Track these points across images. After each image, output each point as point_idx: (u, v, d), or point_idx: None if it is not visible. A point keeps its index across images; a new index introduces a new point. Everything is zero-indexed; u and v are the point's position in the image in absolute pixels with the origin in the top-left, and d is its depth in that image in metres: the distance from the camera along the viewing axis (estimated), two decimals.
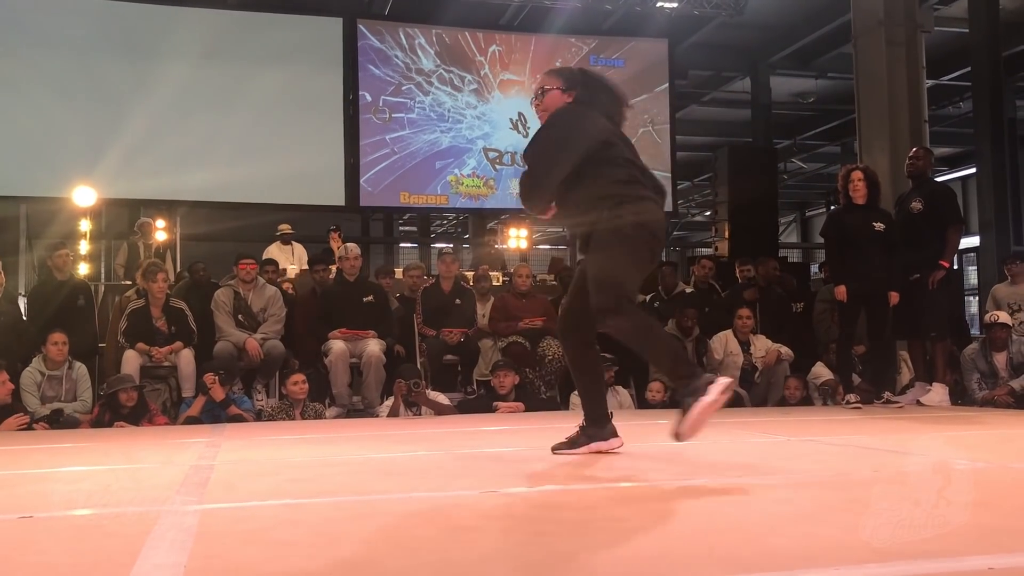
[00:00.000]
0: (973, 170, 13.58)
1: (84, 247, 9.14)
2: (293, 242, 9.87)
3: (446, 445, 4.12)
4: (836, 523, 1.97)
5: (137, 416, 5.92)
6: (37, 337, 6.36)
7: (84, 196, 9.18)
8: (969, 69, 11.78)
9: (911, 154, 6.53)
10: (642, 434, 4.26)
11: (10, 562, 1.76)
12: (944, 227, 6.17)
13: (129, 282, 8.40)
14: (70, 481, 3.18)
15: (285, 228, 9.86)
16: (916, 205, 6.20)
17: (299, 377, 6.27)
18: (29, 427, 5.59)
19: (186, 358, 6.50)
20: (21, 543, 1.94)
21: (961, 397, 6.69)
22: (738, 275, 8.55)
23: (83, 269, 8.69)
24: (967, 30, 11.23)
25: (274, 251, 9.56)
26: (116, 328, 6.74)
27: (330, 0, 12.00)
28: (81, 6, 11.12)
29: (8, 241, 10.87)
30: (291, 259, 9.53)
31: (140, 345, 6.42)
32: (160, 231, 9.48)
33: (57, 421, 5.76)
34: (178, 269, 9.83)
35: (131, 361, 6.33)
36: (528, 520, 2.12)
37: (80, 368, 6.25)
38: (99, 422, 5.88)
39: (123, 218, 11.21)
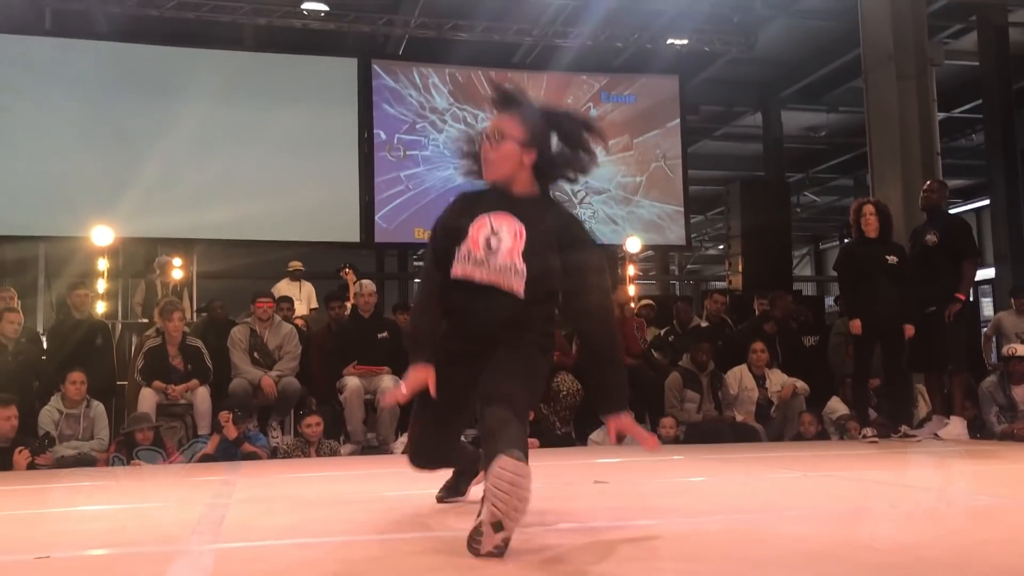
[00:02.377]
0: (987, 202, 13.55)
1: (101, 286, 9.21)
2: (302, 280, 9.89)
3: None
4: (855, 560, 1.95)
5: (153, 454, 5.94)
6: (55, 375, 6.40)
7: (102, 235, 9.26)
8: (980, 101, 11.83)
9: (925, 187, 6.54)
10: (656, 470, 4.24)
11: None
12: (960, 260, 6.16)
13: (146, 320, 8.46)
14: (86, 520, 3.19)
15: (296, 265, 9.90)
16: (931, 238, 6.19)
17: (314, 419, 6.27)
18: (32, 464, 5.59)
19: (202, 396, 6.52)
20: None
21: (980, 431, 6.63)
22: (756, 309, 8.53)
23: (100, 308, 8.75)
24: (977, 63, 11.29)
25: (283, 287, 9.60)
26: (135, 366, 6.78)
27: (345, 41, 12.18)
28: (99, 48, 11.33)
29: (27, 281, 10.98)
30: (299, 296, 9.55)
31: (156, 383, 6.45)
32: (177, 269, 9.55)
33: (44, 448, 5.73)
34: (195, 307, 9.88)
35: (147, 399, 6.36)
36: (545, 561, 2.11)
37: (98, 407, 6.27)
38: (115, 460, 5.91)
39: (140, 256, 11.31)
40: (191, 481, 4.60)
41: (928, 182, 6.70)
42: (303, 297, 9.57)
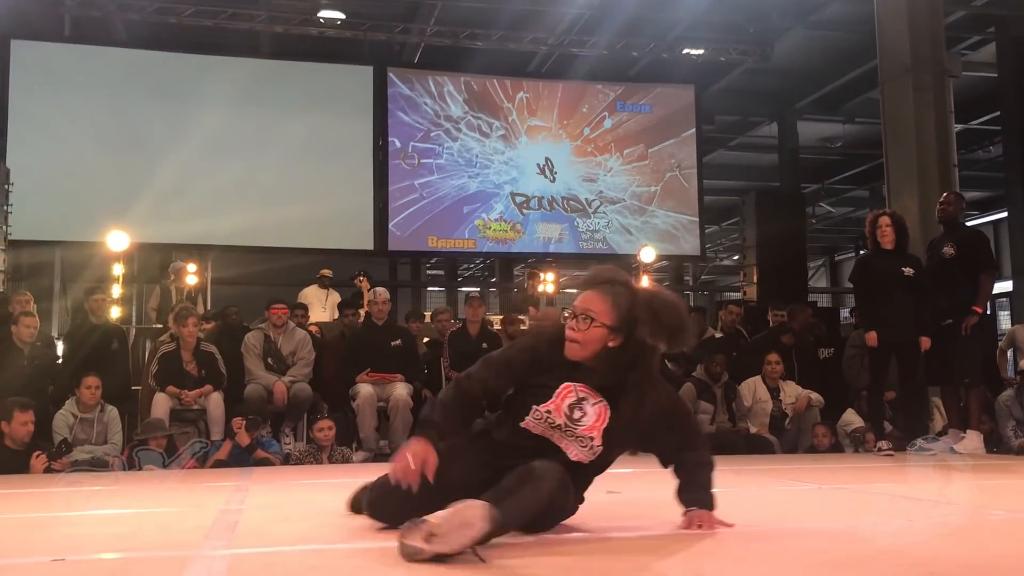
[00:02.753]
0: (1004, 214, 13.46)
1: (116, 291, 9.26)
2: (330, 288, 9.93)
3: None
4: (869, 573, 1.93)
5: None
6: (71, 380, 6.43)
7: (117, 241, 9.33)
8: (998, 113, 11.76)
9: (942, 199, 6.50)
10: (669, 481, 4.22)
11: None
12: (977, 272, 6.12)
13: (160, 325, 8.50)
14: (100, 524, 3.20)
15: (326, 272, 9.93)
16: (949, 250, 6.15)
17: (325, 424, 6.29)
18: (48, 468, 5.61)
19: (215, 401, 6.54)
20: None
21: (996, 445, 6.58)
22: (771, 320, 8.48)
23: (115, 312, 8.80)
24: (996, 74, 11.23)
25: (310, 294, 9.63)
26: (148, 371, 6.81)
27: (361, 49, 12.24)
28: (117, 54, 11.44)
29: (43, 285, 11.04)
30: (324, 304, 9.59)
31: (170, 388, 6.48)
32: (191, 275, 9.61)
33: (61, 454, 5.76)
34: (208, 312, 9.91)
35: (161, 404, 6.39)
36: (573, 568, 2.10)
37: (112, 411, 6.30)
38: (129, 465, 5.93)
39: (154, 262, 11.39)
40: (204, 487, 4.61)
41: (945, 194, 6.66)
42: (328, 305, 9.60)
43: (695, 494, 2.58)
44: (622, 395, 2.46)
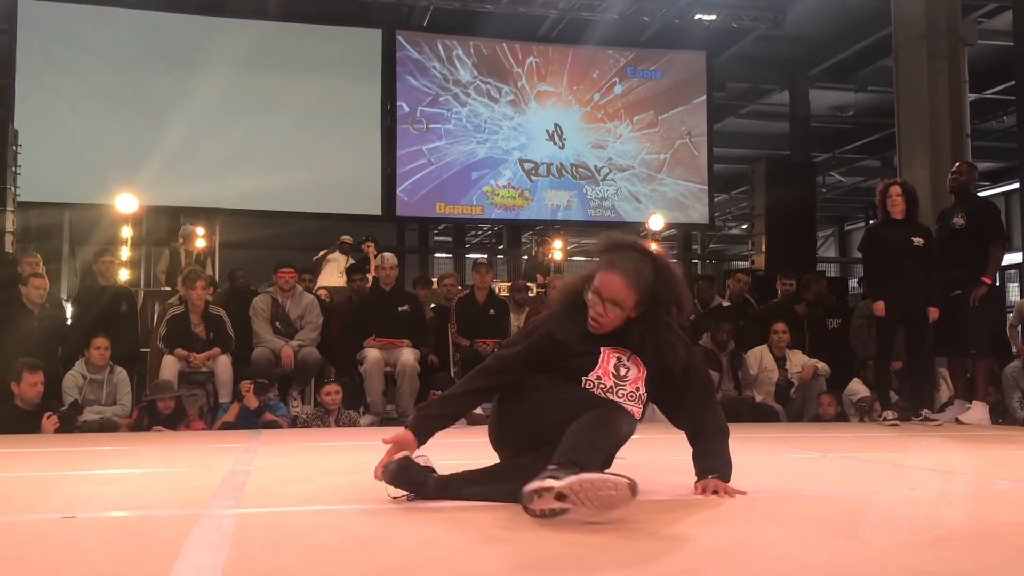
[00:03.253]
0: (1016, 185, 13.36)
1: (125, 253, 9.29)
2: (349, 254, 9.93)
3: (478, 455, 4.12)
4: (872, 541, 1.95)
5: (175, 421, 6.01)
6: (80, 341, 6.47)
7: (126, 203, 9.34)
8: (1013, 83, 11.61)
9: (954, 169, 6.46)
10: (674, 447, 4.24)
11: (54, 560, 1.80)
12: (987, 243, 6.09)
13: (169, 288, 8.53)
14: (110, 483, 3.23)
15: (346, 239, 9.93)
16: (959, 221, 6.12)
17: (332, 388, 6.33)
18: (62, 427, 5.66)
19: (223, 364, 6.58)
20: (64, 542, 1.98)
21: (1002, 416, 6.58)
22: (779, 289, 8.46)
23: (124, 275, 8.83)
24: (1011, 43, 11.07)
25: (340, 259, 9.66)
26: (157, 333, 6.85)
27: (369, 12, 12.13)
28: (125, 15, 11.36)
29: (52, 247, 11.09)
30: (342, 270, 9.59)
31: (178, 351, 6.51)
32: (200, 239, 9.62)
33: (72, 416, 5.82)
34: (216, 276, 9.95)
35: (169, 366, 6.43)
36: (559, 531, 2.12)
37: (121, 373, 6.35)
38: (138, 426, 5.99)
39: (162, 225, 11.41)
40: (212, 448, 4.65)
41: (957, 164, 6.61)
42: (343, 270, 9.62)
43: (710, 462, 2.61)
44: (642, 350, 2.56)
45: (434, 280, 9.41)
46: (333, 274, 9.47)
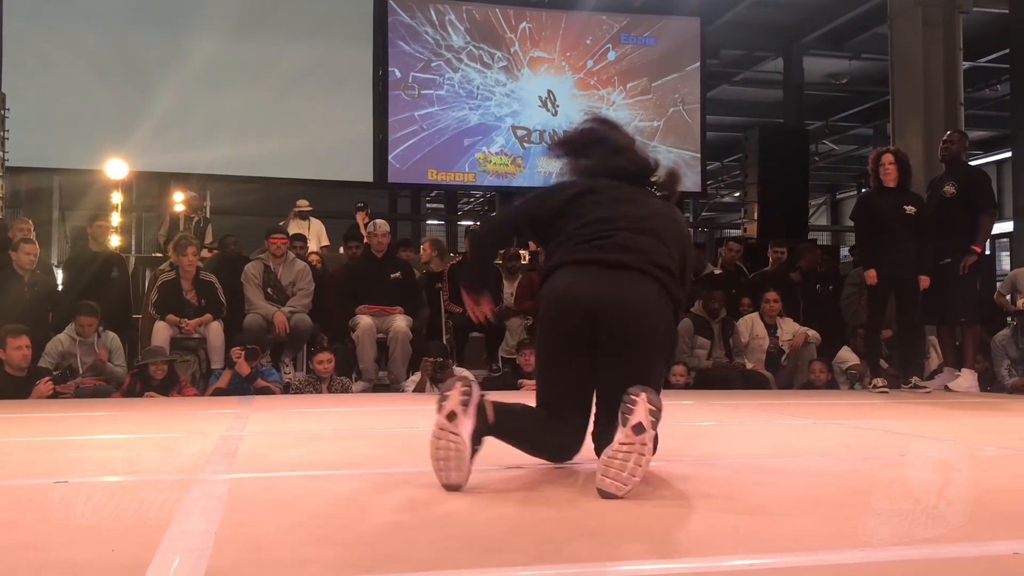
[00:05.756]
0: (1009, 154, 13.34)
1: (116, 219, 9.24)
2: (311, 218, 9.85)
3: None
4: (861, 506, 1.97)
5: (167, 387, 6.01)
6: (71, 307, 6.45)
7: (116, 169, 9.28)
8: (1007, 51, 11.57)
9: (945, 138, 6.44)
10: (666, 414, 4.26)
11: (48, 524, 1.81)
12: (977, 212, 6.10)
13: (160, 255, 8.50)
14: (104, 448, 3.24)
15: (304, 204, 9.84)
16: (949, 189, 6.12)
17: (325, 356, 6.33)
18: (54, 393, 5.66)
19: (215, 330, 6.57)
20: (59, 506, 1.99)
21: (991, 383, 6.63)
22: (770, 257, 8.48)
23: (115, 241, 8.80)
24: (1007, 11, 11.01)
25: (292, 226, 9.58)
26: (148, 299, 6.84)
27: None
28: None
29: (42, 212, 11.02)
30: (308, 234, 9.53)
31: (170, 317, 6.50)
32: (179, 204, 9.54)
33: (66, 378, 5.82)
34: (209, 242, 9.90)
35: (161, 332, 6.42)
36: (550, 496, 2.14)
37: (113, 339, 6.34)
38: (130, 392, 5.98)
39: (153, 191, 11.33)
40: (205, 414, 4.66)
41: (948, 132, 6.60)
42: (312, 235, 9.57)
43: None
44: None
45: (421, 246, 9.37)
46: None
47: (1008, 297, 7.28)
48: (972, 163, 8.69)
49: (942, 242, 6.05)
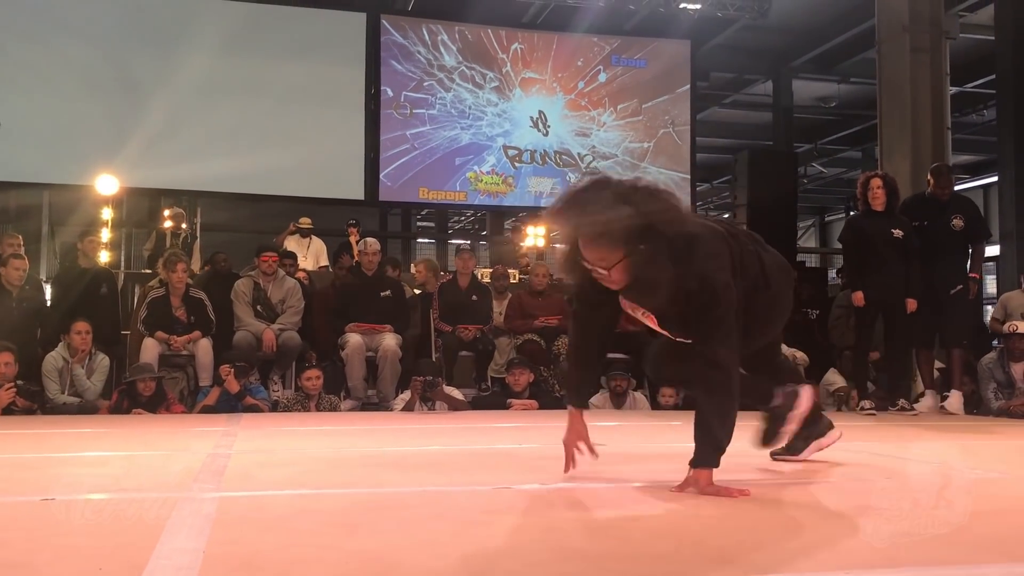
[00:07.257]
0: (995, 178, 13.46)
1: (105, 235, 9.21)
2: (312, 236, 9.89)
3: (460, 440, 4.13)
4: (849, 528, 1.97)
5: (155, 404, 5.98)
6: (60, 323, 6.42)
7: (107, 184, 9.26)
8: (994, 76, 11.71)
9: (943, 177, 6.59)
10: (654, 434, 4.27)
11: (35, 542, 1.80)
12: (977, 241, 6.42)
13: (149, 271, 8.48)
14: (90, 465, 3.22)
15: (305, 222, 9.89)
16: (958, 223, 6.32)
17: (313, 373, 6.32)
18: (11, 405, 5.60)
19: (204, 347, 6.55)
20: (45, 524, 1.98)
21: (976, 407, 6.67)
22: None
23: (104, 257, 8.77)
24: (993, 37, 11.15)
25: (291, 243, 9.61)
26: (137, 316, 6.81)
27: None
28: None
29: (31, 228, 10.98)
30: (305, 253, 9.56)
31: (159, 334, 6.48)
32: (167, 220, 9.54)
33: (34, 399, 5.77)
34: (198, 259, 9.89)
35: (150, 349, 6.40)
36: (541, 517, 2.14)
37: (103, 360, 6.32)
38: (117, 409, 5.95)
39: (143, 207, 11.31)
40: (193, 431, 4.64)
41: (944, 171, 6.69)
42: (311, 254, 9.58)
43: (696, 446, 2.44)
44: (639, 299, 2.47)
45: (415, 265, 9.40)
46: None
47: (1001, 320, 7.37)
48: (959, 188, 8.79)
49: (950, 271, 6.28)
